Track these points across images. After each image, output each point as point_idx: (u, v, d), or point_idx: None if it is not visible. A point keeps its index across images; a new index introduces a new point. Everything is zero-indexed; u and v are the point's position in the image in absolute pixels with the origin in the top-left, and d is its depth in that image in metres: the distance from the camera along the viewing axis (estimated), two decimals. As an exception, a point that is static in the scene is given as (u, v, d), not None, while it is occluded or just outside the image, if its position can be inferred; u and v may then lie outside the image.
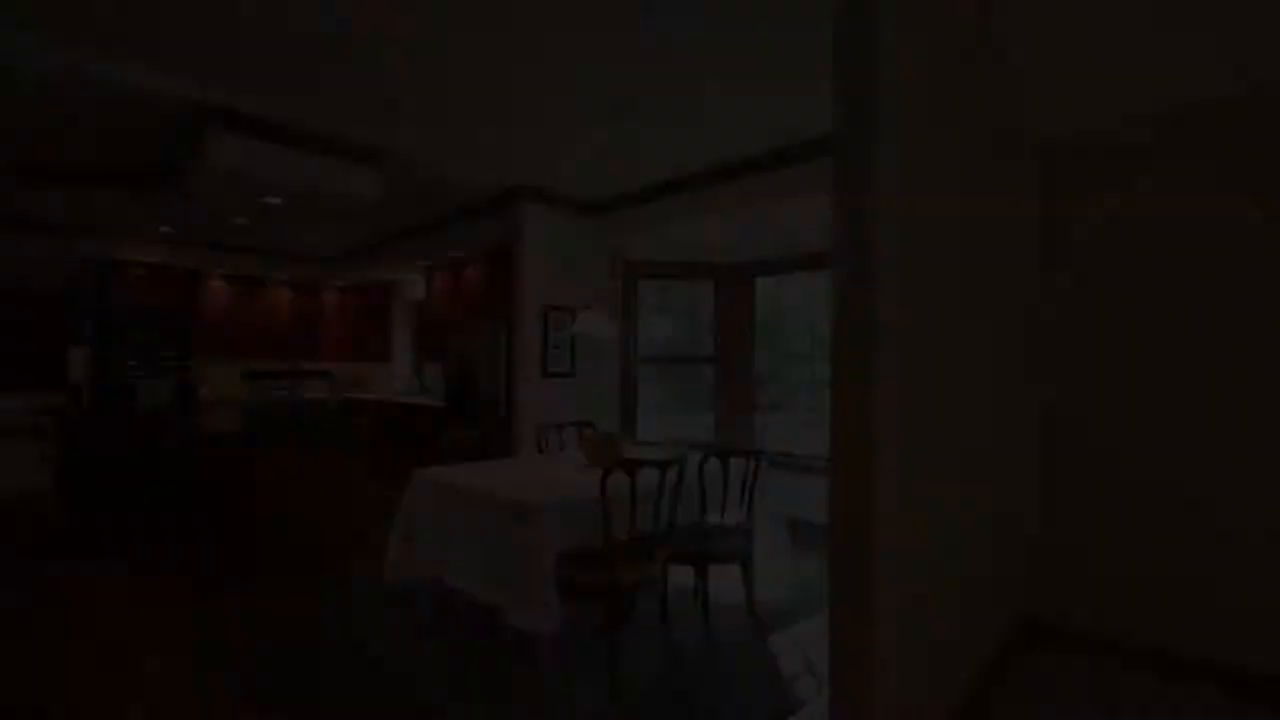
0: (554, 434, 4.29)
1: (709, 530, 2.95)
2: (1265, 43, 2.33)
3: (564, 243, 5.27)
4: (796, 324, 5.62)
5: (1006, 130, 2.91)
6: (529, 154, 4.27)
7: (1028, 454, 3.09)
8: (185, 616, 3.10)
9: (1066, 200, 3.00)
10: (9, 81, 3.23)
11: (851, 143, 1.71)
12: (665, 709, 2.35)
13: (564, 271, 5.27)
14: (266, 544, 3.62)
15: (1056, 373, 3.04)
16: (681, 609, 3.32)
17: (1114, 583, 2.74)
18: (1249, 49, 2.36)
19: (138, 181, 4.79)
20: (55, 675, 2.52)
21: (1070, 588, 2.86)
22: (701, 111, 3.53)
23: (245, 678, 2.51)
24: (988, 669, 2.45)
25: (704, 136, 3.91)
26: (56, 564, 3.76)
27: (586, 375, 5.43)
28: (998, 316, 2.82)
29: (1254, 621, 2.40)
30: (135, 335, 6.31)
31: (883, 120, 1.72)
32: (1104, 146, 2.89)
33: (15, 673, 2.54)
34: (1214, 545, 2.51)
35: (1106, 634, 2.73)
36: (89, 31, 2.81)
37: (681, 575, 3.80)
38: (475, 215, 5.51)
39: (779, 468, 4.94)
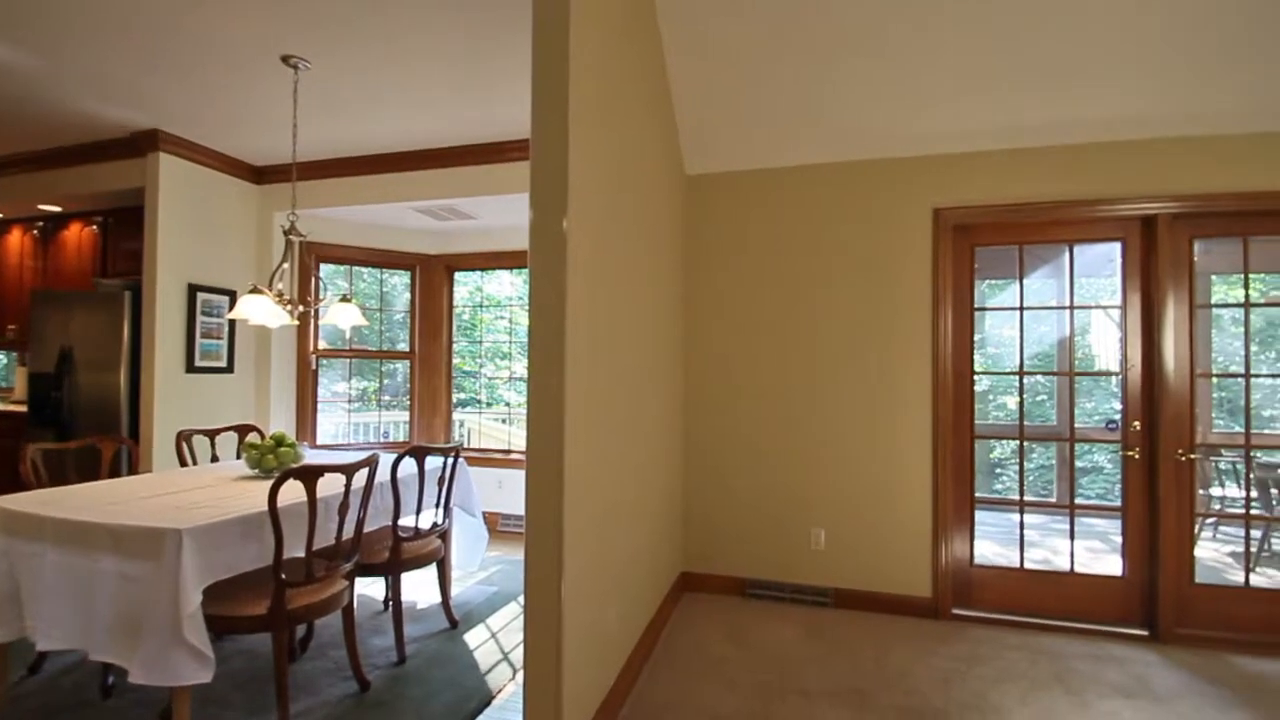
0: (205, 442, 3.56)
1: (402, 535, 2.78)
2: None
3: (222, 210, 4.39)
4: (498, 320, 5.66)
5: (672, 165, 3.39)
6: (179, 94, 3.43)
7: (678, 455, 3.67)
8: None
9: (695, 220, 3.72)
10: None
11: (545, 154, 1.80)
12: (349, 737, 2.15)
13: (221, 245, 4.38)
14: None
15: (688, 373, 3.70)
16: (372, 624, 3.08)
17: (718, 543, 3.63)
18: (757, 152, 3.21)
19: None
20: None
21: (699, 550, 3.66)
22: (397, 88, 3.30)
23: None
24: (661, 607, 3.01)
25: (400, 116, 3.66)
26: None
27: (251, 370, 4.62)
28: (662, 321, 3.26)
29: (779, 559, 3.53)
30: None
31: (572, 147, 1.84)
32: (713, 184, 3.69)
33: None
34: (754, 519, 3.57)
35: (716, 574, 3.63)
36: None
37: (374, 587, 3.53)
38: (84, 158, 4.21)
39: (478, 465, 4.93)
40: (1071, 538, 3.29)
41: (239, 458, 3.42)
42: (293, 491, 2.22)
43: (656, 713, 2.34)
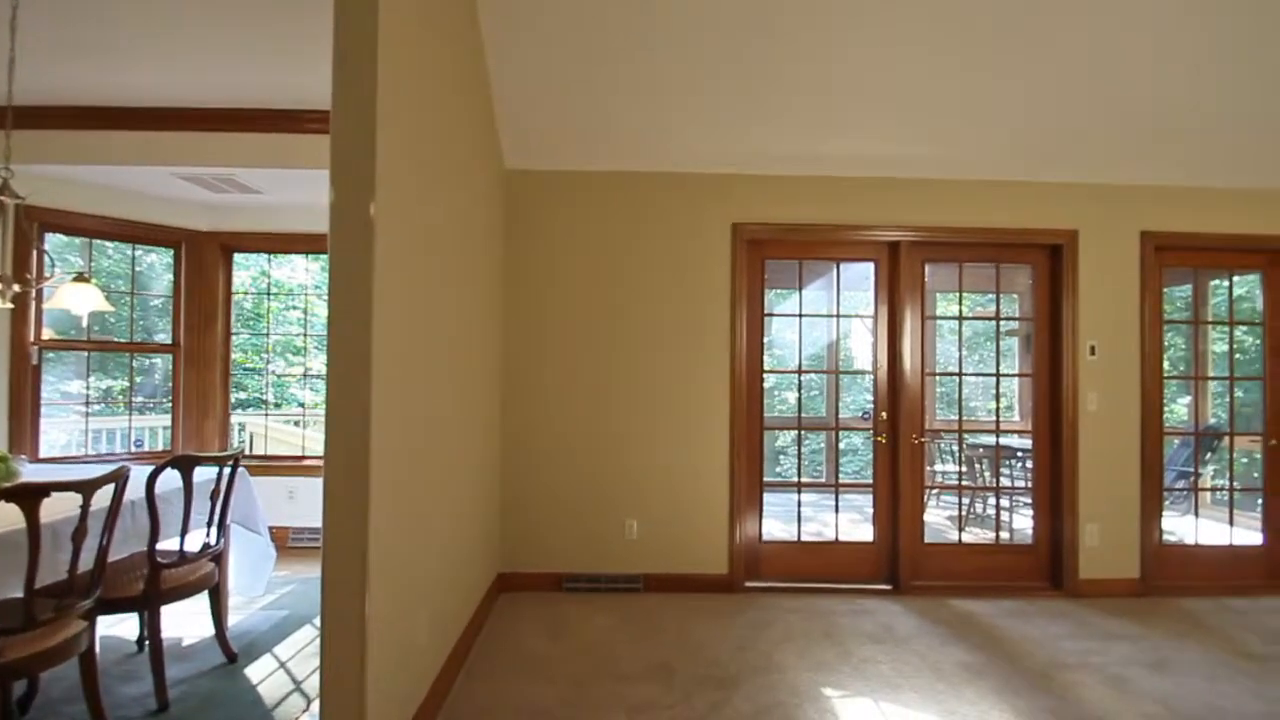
0: None
1: (162, 562, 2.39)
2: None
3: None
4: (290, 310, 5.06)
5: (491, 157, 3.33)
6: None
7: (495, 456, 3.64)
8: None
9: (514, 216, 3.70)
10: None
11: (349, 128, 1.67)
12: (90, 806, 1.80)
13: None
14: None
15: (507, 372, 3.68)
16: (123, 668, 2.59)
17: (535, 542, 3.67)
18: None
19: None
20: None
21: (516, 549, 3.67)
22: (162, 31, 2.81)
23: None
24: (477, 610, 2.97)
25: (164, 65, 3.11)
26: None
27: (-66, 366, 3.61)
28: (478, 316, 3.20)
29: (595, 551, 3.66)
30: None
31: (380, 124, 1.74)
32: (532, 181, 3.70)
33: None
34: (572, 515, 3.67)
35: (533, 571, 3.66)
36: None
37: (127, 625, 2.97)
38: None
39: (265, 474, 4.38)
40: (836, 511, 3.86)
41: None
42: (6, 517, 1.80)
43: (473, 716, 2.30)
